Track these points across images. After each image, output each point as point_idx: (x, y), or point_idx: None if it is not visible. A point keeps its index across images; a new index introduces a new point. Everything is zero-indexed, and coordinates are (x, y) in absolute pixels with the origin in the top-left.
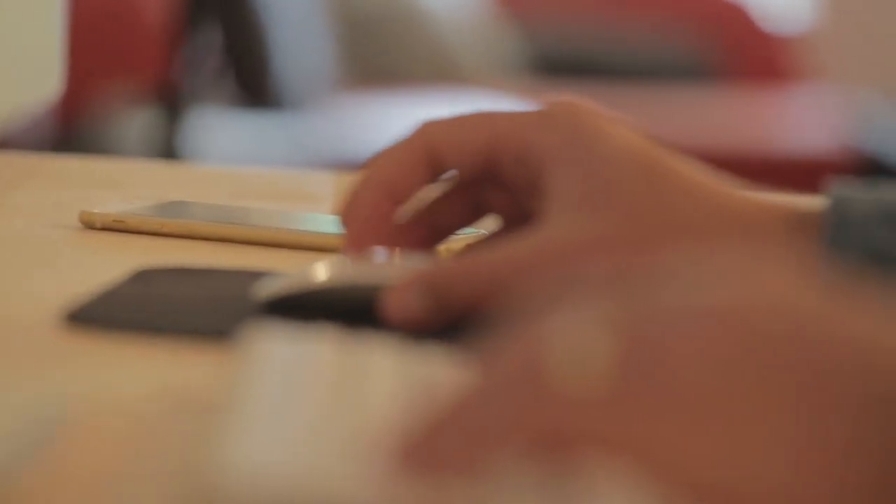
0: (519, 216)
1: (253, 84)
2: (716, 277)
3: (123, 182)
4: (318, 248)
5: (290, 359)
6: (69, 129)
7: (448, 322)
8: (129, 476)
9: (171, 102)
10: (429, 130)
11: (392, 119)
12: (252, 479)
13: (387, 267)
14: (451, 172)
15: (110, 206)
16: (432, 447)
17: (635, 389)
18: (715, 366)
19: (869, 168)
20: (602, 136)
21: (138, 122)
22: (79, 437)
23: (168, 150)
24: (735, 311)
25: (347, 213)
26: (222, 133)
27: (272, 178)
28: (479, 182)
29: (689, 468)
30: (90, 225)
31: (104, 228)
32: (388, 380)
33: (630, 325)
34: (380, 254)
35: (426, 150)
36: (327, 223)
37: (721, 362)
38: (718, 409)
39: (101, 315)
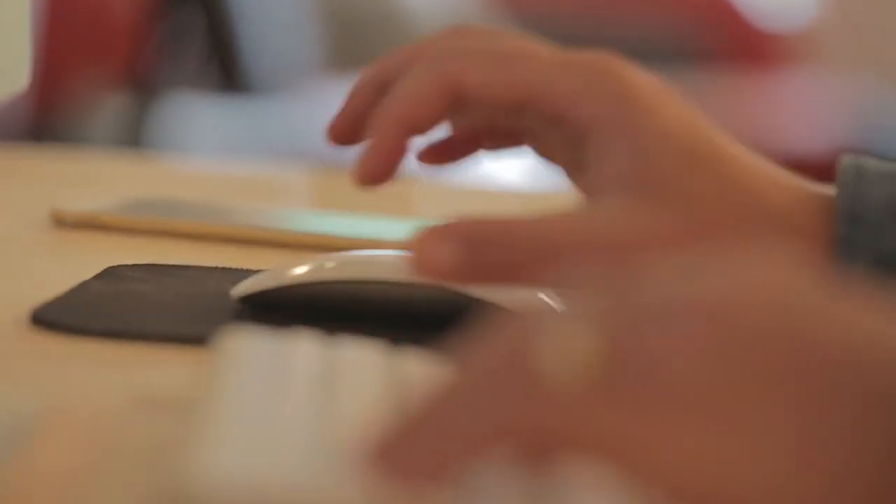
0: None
1: (230, 70)
2: (711, 273)
3: (97, 178)
4: (295, 245)
5: (265, 361)
6: (41, 118)
7: (476, 283)
8: (101, 478)
9: (146, 89)
10: (458, 66)
11: None
12: (225, 484)
13: (367, 263)
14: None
15: (83, 202)
16: (410, 447)
17: (623, 387)
18: (706, 363)
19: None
20: (651, 111)
21: (111, 109)
22: (49, 438)
23: (142, 138)
24: (727, 307)
25: (353, 137)
26: (199, 120)
27: (249, 173)
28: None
29: (678, 469)
30: (62, 222)
31: (77, 226)
32: (365, 383)
33: (619, 321)
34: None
35: (451, 88)
36: (305, 220)
37: (712, 359)
38: (709, 407)
39: (67, 317)
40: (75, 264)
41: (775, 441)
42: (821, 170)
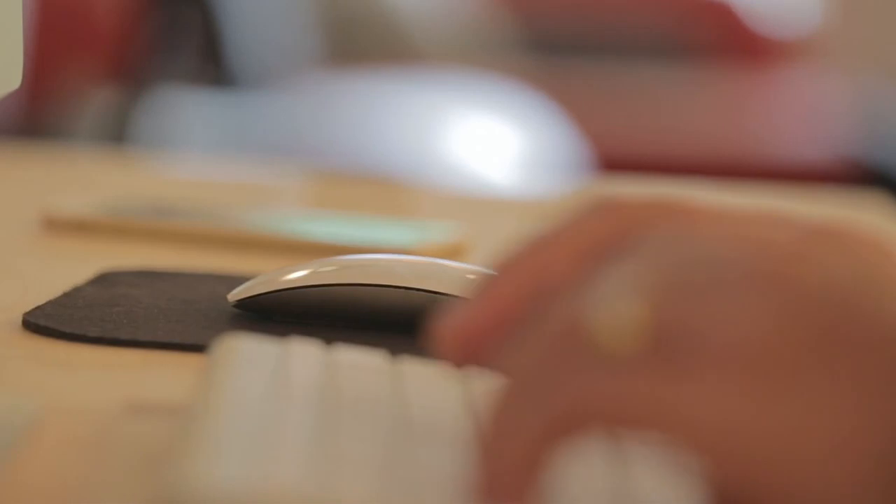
0: None
1: (222, 65)
2: (764, 243)
3: (88, 180)
4: (291, 248)
5: (262, 368)
6: (31, 115)
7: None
8: (93, 486)
9: (137, 85)
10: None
11: (362, 102)
12: (220, 491)
13: (364, 267)
14: None
15: (74, 205)
16: (493, 465)
17: (674, 354)
18: (760, 331)
19: (868, 177)
20: None
21: (102, 105)
22: (42, 445)
23: (133, 134)
24: (784, 275)
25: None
26: (191, 116)
27: (243, 175)
28: None
29: (723, 436)
30: (53, 225)
31: (68, 228)
32: (363, 390)
33: (673, 287)
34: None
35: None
36: (300, 223)
37: (766, 328)
38: (759, 375)
39: (60, 323)
40: (66, 267)
41: (823, 416)
42: (823, 174)
